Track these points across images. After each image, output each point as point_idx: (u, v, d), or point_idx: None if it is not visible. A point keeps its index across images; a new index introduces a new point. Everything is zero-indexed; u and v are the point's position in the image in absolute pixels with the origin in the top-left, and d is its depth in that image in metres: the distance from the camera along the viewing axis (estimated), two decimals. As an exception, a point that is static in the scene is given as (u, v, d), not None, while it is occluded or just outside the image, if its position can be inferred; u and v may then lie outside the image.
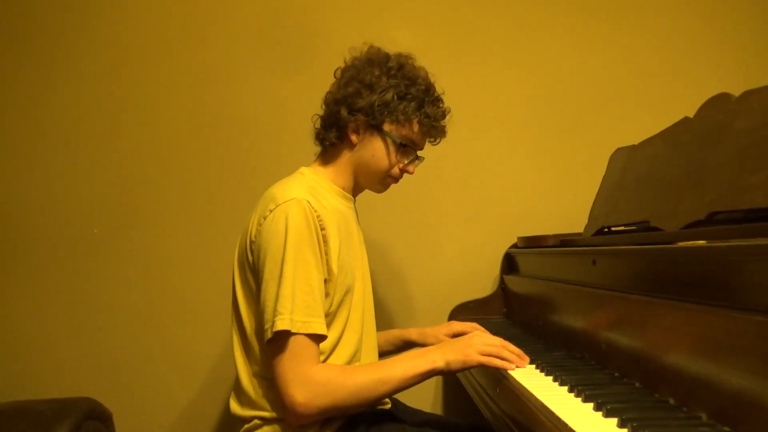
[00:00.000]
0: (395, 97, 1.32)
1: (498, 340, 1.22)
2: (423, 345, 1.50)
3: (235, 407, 1.28)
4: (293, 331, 1.13)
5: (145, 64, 2.04)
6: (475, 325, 1.51)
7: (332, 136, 1.35)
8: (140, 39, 2.04)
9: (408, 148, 1.37)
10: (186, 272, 2.01)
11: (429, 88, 1.37)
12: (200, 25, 2.05)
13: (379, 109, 1.31)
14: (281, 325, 1.13)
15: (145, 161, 2.03)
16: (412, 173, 1.42)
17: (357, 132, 1.34)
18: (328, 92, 1.39)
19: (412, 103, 1.33)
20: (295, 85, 2.02)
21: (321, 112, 1.40)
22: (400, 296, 2.03)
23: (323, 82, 1.43)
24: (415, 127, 1.36)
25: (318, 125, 1.40)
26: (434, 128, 1.39)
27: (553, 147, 2.06)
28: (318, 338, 1.17)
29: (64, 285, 2.02)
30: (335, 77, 1.40)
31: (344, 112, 1.32)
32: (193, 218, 2.02)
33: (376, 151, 1.35)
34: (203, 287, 2.00)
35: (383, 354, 1.54)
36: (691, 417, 0.83)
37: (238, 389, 1.29)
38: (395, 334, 1.57)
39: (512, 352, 1.20)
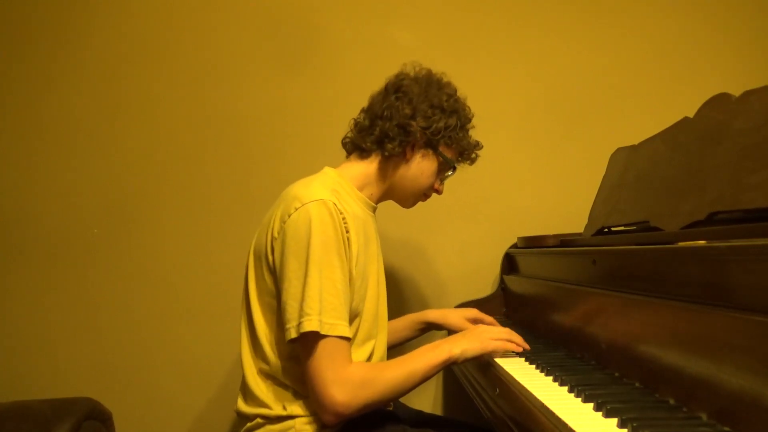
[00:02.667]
0: (458, 122, 1.39)
1: (505, 331, 1.30)
2: (444, 326, 1.58)
3: (242, 405, 1.29)
4: (322, 332, 1.14)
5: (145, 65, 2.04)
6: (492, 319, 1.57)
7: (394, 148, 1.36)
8: (140, 40, 2.04)
9: (452, 171, 1.44)
10: (186, 272, 2.01)
11: (471, 118, 1.45)
12: (200, 26, 2.05)
13: (446, 131, 1.36)
14: (309, 326, 1.13)
15: (145, 161, 2.03)
16: (441, 193, 1.48)
17: (413, 148, 1.37)
18: (389, 105, 1.36)
19: (464, 131, 1.42)
20: (295, 86, 2.02)
21: (362, 119, 1.41)
22: (400, 296, 2.03)
23: (324, 83, 1.43)
24: (457, 153, 1.43)
25: (354, 131, 1.41)
26: (474, 158, 1.48)
27: (553, 147, 2.06)
28: (346, 339, 1.18)
29: (64, 285, 2.02)
30: (387, 89, 1.40)
31: (416, 128, 1.34)
32: (193, 218, 2.02)
33: (426, 169, 1.40)
34: (203, 287, 2.00)
35: (403, 339, 1.60)
36: (691, 417, 0.83)
37: (243, 387, 1.29)
38: (413, 318, 1.61)
39: (517, 343, 1.29)
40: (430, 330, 1.62)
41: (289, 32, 2.04)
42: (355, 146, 1.41)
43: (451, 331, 1.53)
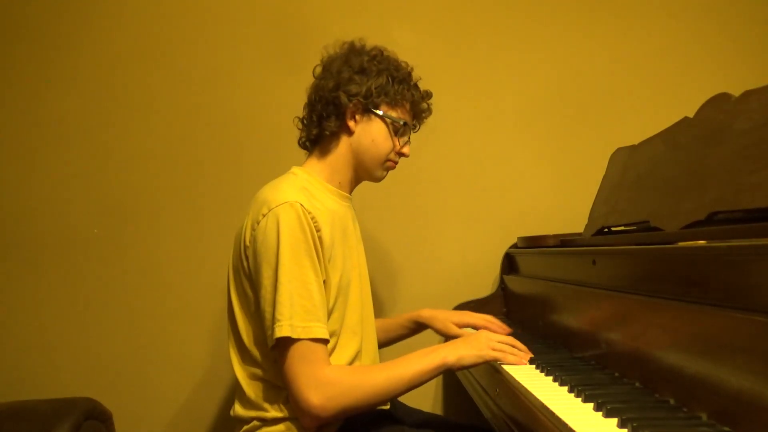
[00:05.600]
0: (389, 79, 1.35)
1: (508, 339, 1.26)
2: (429, 326, 1.54)
3: (238, 409, 1.28)
4: (294, 336, 1.14)
5: (143, 65, 2.04)
6: (488, 317, 1.52)
7: (333, 125, 1.35)
8: (138, 40, 2.04)
9: (405, 128, 1.40)
10: (185, 272, 2.01)
11: (410, 72, 1.42)
12: (198, 26, 2.04)
13: (377, 91, 1.34)
14: (280, 332, 1.14)
15: (144, 161, 2.03)
16: (408, 155, 1.43)
17: (354, 118, 1.35)
18: (317, 86, 1.39)
19: (403, 85, 1.37)
20: (294, 86, 1.99)
21: (302, 115, 1.42)
22: (400, 296, 2.03)
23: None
24: (407, 107, 1.40)
25: (301, 128, 1.41)
26: (426, 109, 1.44)
27: (553, 147, 2.06)
28: (322, 342, 1.18)
29: (63, 285, 2.02)
30: (314, 75, 1.42)
31: (343, 97, 1.32)
32: (192, 218, 2.02)
33: (375, 135, 1.36)
34: (202, 287, 2.00)
35: (397, 338, 1.58)
36: (691, 417, 0.83)
37: (239, 393, 1.29)
38: (406, 316, 1.58)
39: (520, 350, 1.24)
40: (422, 329, 1.59)
41: (288, 31, 2.04)
42: (307, 141, 1.41)
43: (448, 337, 1.52)
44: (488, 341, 1.22)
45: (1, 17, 2.04)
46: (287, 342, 1.14)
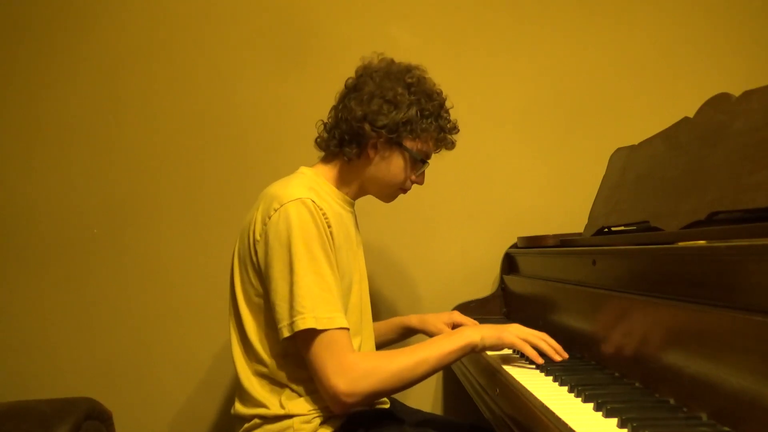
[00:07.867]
0: (418, 114, 1.33)
1: (539, 333, 1.25)
2: (422, 331, 1.54)
3: (239, 407, 1.29)
4: (320, 328, 1.15)
5: (143, 65, 2.04)
6: (475, 322, 1.52)
7: (353, 152, 1.34)
8: (138, 39, 2.04)
9: (423, 162, 1.39)
10: (185, 272, 2.01)
11: (443, 103, 1.39)
12: (198, 25, 2.04)
13: (403, 126, 1.32)
14: (303, 324, 1.14)
15: (144, 161, 2.03)
16: (422, 184, 1.44)
17: (376, 147, 1.34)
18: (345, 106, 1.36)
19: (431, 119, 1.35)
20: (294, 86, 2.02)
21: (326, 120, 1.40)
22: (400, 296, 2.03)
23: (322, 82, 1.43)
24: (431, 142, 1.39)
25: (323, 132, 1.40)
26: (449, 143, 1.41)
27: (553, 147, 2.06)
28: (345, 330, 1.19)
29: (63, 285, 2.02)
30: (347, 87, 1.39)
31: (368, 129, 1.31)
32: (192, 218, 2.02)
33: (393, 166, 1.36)
34: (202, 287, 2.00)
35: (386, 342, 1.57)
36: (691, 417, 0.83)
37: (240, 390, 1.29)
38: (396, 321, 1.59)
39: (550, 345, 1.23)
40: (411, 335, 1.59)
41: (288, 31, 2.04)
42: (324, 148, 1.40)
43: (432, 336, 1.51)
44: (516, 330, 1.23)
45: (1, 17, 2.04)
46: (312, 333, 1.15)
